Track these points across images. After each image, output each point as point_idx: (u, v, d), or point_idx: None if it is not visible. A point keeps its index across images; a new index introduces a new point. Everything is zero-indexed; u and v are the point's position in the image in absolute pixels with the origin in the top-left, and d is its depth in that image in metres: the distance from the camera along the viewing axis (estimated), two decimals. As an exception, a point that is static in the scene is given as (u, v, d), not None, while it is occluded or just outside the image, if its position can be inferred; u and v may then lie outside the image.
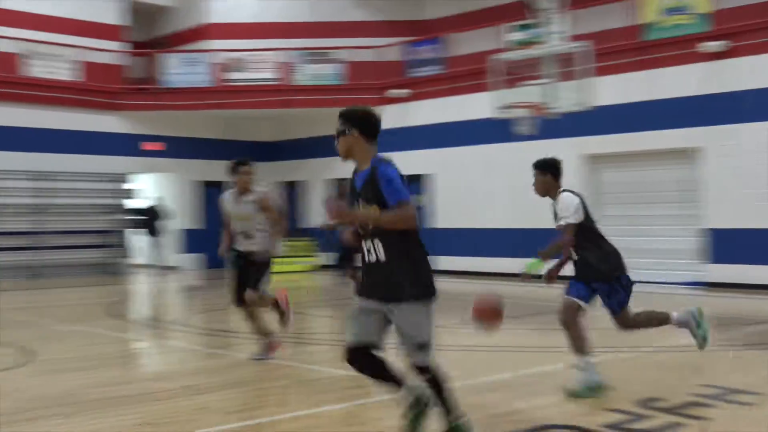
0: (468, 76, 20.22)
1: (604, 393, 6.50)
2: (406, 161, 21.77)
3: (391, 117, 22.52)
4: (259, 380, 7.72)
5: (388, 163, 5.04)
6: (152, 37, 26.59)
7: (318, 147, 24.13)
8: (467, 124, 20.42)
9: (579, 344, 6.66)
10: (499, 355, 9.00)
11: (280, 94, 22.98)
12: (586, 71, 15.33)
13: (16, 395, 7.07)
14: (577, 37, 16.22)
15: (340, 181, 15.20)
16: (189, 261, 23.96)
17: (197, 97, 23.02)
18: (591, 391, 6.49)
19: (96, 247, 22.36)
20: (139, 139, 23.23)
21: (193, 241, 24.16)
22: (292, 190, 25.44)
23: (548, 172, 7.04)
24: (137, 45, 25.40)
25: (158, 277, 21.76)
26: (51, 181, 21.39)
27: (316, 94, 22.88)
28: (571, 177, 18.67)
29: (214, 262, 24.18)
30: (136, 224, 23.34)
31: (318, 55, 23.32)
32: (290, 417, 6.19)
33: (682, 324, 7.05)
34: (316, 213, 24.42)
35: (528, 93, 16.10)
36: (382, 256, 4.94)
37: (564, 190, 7.00)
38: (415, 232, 4.97)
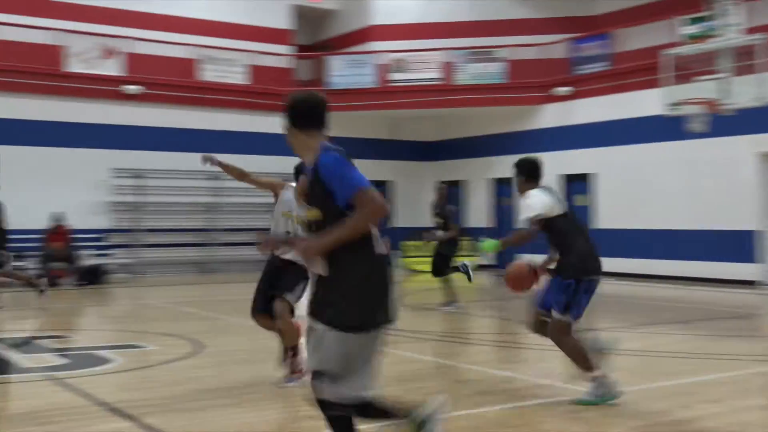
0: (637, 72, 19.55)
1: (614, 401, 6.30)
2: (568, 160, 21.39)
3: (554, 115, 22.13)
4: (418, 379, 7.68)
5: (332, 151, 4.11)
6: (318, 40, 27.21)
7: (480, 146, 24.02)
8: (634, 121, 19.74)
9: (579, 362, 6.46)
10: (670, 361, 8.60)
11: (443, 93, 23.00)
12: (764, 64, 14.53)
13: (186, 384, 7.33)
14: (754, 29, 15.40)
15: (442, 183, 14.84)
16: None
17: (361, 98, 23.36)
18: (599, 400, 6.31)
19: (263, 245, 23.04)
20: (305, 139, 23.78)
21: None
22: (453, 189, 25.40)
23: (519, 173, 6.83)
24: (303, 48, 26.03)
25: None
26: (223, 180, 22.22)
27: (479, 93, 22.74)
28: (747, 176, 17.88)
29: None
30: (302, 222, 23.92)
31: (480, 54, 23.17)
32: (448, 417, 6.11)
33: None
34: (477, 213, 24.31)
35: (701, 89, 15.43)
36: (323, 269, 4.06)
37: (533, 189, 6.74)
38: (368, 240, 4.01)
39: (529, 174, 6.80)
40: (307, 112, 4.29)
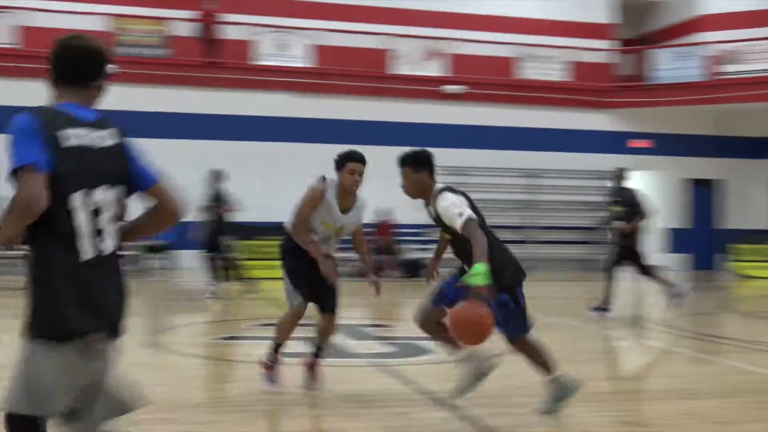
0: None
1: None
2: None
3: None
4: (756, 392, 7.09)
5: (36, 111, 3.06)
6: (641, 32, 26.29)
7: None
8: None
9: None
10: None
11: (780, 85, 21.28)
12: None
13: (505, 380, 7.36)
14: None
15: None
16: (675, 261, 23.27)
17: (688, 92, 22.28)
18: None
19: (579, 243, 22.71)
20: (625, 136, 23.16)
21: (680, 240, 23.42)
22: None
23: (422, 167, 5.97)
24: (626, 42, 25.29)
25: (638, 276, 21.40)
26: (539, 178, 22.20)
27: (822, 83, 20.77)
28: None
29: (701, 263, 23.23)
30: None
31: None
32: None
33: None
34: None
35: None
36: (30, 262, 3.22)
37: (443, 189, 5.80)
38: (52, 230, 3.05)
39: (432, 168, 6.00)
40: (60, 60, 3.21)
